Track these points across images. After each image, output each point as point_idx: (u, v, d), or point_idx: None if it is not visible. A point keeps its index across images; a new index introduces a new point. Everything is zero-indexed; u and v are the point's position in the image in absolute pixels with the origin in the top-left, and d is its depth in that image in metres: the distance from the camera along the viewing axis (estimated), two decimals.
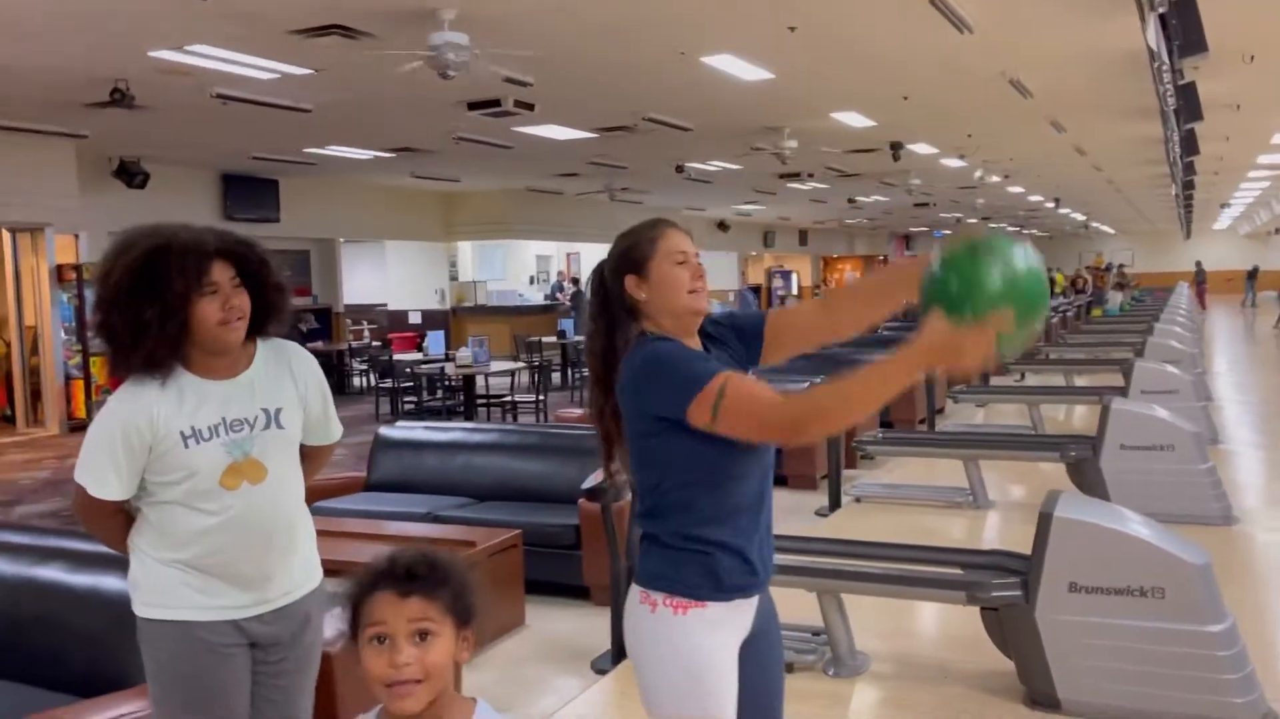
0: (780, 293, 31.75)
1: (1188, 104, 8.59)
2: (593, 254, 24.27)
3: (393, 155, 13.17)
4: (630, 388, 1.88)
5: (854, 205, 22.67)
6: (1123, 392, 7.59)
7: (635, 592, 1.91)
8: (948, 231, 39.03)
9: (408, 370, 11.44)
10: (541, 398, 10.88)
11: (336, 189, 16.13)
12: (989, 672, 3.64)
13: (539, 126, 11.08)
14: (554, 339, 14.97)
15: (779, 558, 2.21)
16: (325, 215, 16.21)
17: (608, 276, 1.98)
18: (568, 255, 23.64)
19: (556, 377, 14.21)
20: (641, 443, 1.89)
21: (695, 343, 1.97)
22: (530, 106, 9.50)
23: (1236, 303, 28.23)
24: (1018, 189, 21.28)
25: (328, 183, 15.75)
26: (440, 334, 12.96)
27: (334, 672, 3.13)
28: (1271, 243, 37.67)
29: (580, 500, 4.85)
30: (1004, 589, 3.43)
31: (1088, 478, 5.82)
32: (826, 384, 1.73)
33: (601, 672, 4.01)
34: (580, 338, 14.90)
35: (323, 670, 3.14)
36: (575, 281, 20.09)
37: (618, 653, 4.08)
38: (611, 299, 1.97)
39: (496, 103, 9.27)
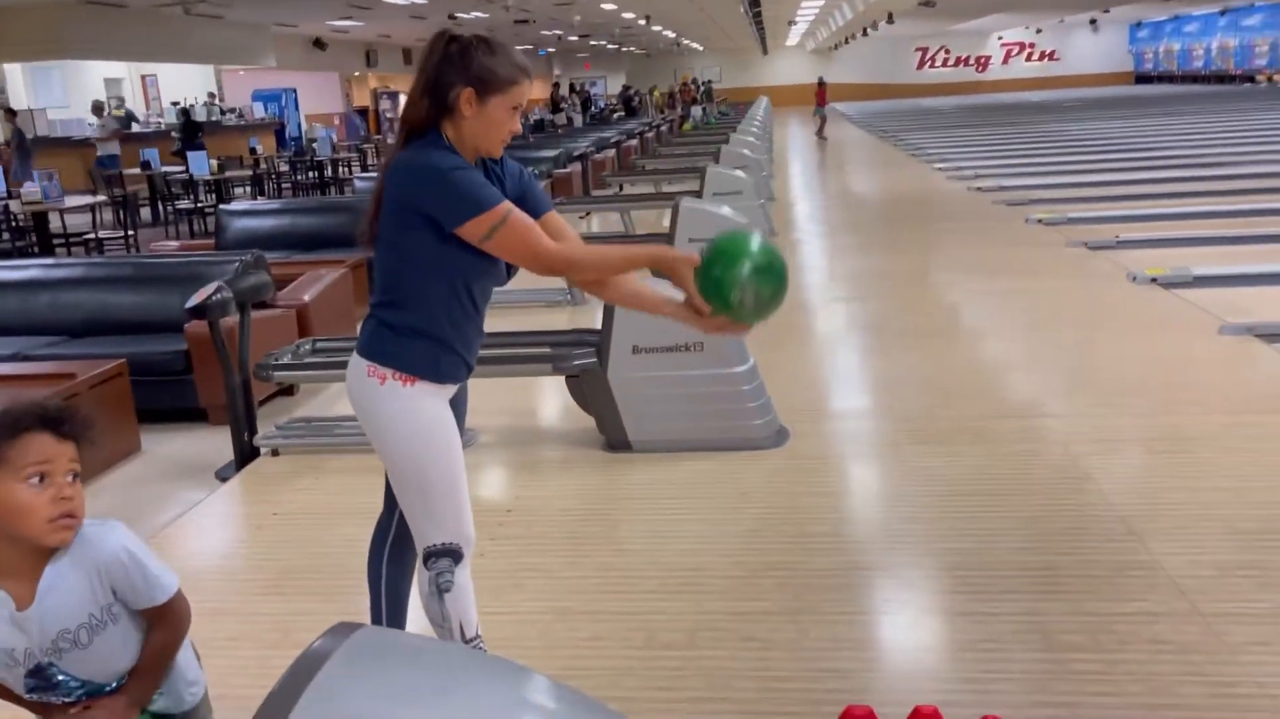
0: (389, 115, 30.80)
1: None
2: (170, 75, 22.00)
3: None
4: (404, 182, 2.01)
5: (455, 22, 22.29)
6: (698, 194, 8.55)
7: (361, 365, 2.10)
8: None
9: None
10: (131, 233, 10.12)
11: None
12: (575, 429, 4.29)
13: None
14: (137, 171, 13.70)
15: None
16: None
17: (445, 69, 2.02)
18: (143, 78, 21.29)
19: (146, 212, 13.13)
20: (394, 235, 2.05)
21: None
22: None
23: (807, 113, 31.52)
24: (611, 6, 21.99)
25: None
26: None
27: None
28: (834, 57, 42.01)
29: (187, 326, 4.84)
30: (583, 359, 4.03)
31: None
32: (593, 249, 2.11)
33: (225, 479, 4.19)
34: (166, 169, 13.80)
35: None
36: (186, 112, 17.98)
37: (241, 460, 4.26)
38: (439, 85, 2.02)
39: None
